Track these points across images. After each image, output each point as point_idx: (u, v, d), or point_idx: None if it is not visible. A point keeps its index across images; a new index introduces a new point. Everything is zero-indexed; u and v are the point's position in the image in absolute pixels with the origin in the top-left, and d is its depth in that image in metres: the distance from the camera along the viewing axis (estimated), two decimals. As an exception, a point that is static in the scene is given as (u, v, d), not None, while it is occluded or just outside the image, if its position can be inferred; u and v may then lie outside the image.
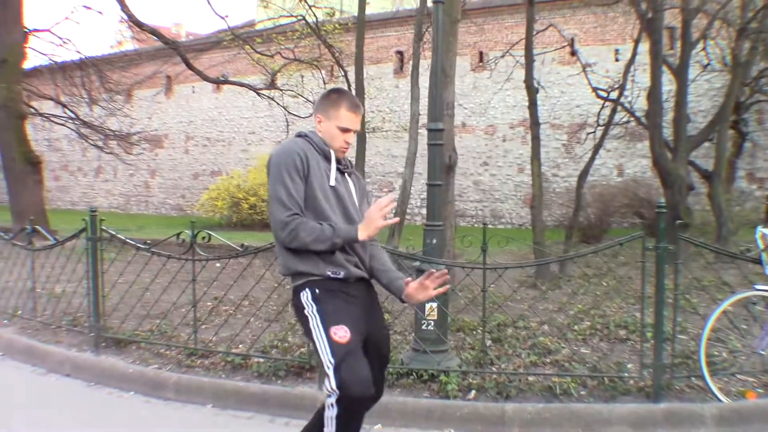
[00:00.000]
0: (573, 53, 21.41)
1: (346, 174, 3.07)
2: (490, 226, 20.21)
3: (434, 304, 4.75)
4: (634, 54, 10.80)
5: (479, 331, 5.98)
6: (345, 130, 3.01)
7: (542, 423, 3.98)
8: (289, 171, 2.84)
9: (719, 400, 4.21)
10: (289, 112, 16.38)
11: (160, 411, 4.49)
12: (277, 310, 6.63)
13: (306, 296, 2.88)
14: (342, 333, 2.74)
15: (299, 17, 13.23)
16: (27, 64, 20.99)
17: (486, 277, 4.70)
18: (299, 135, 3.04)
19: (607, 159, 21.59)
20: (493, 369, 4.85)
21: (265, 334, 5.74)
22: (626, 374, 4.62)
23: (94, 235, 5.60)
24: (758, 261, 4.44)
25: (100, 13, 24.44)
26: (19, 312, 6.96)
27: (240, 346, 5.66)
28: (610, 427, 3.95)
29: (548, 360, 5.12)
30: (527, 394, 4.46)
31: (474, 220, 23.92)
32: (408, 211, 13.57)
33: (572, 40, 21.53)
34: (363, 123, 10.21)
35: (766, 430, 3.97)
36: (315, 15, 13.36)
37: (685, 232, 10.23)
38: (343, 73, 12.24)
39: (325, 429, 2.74)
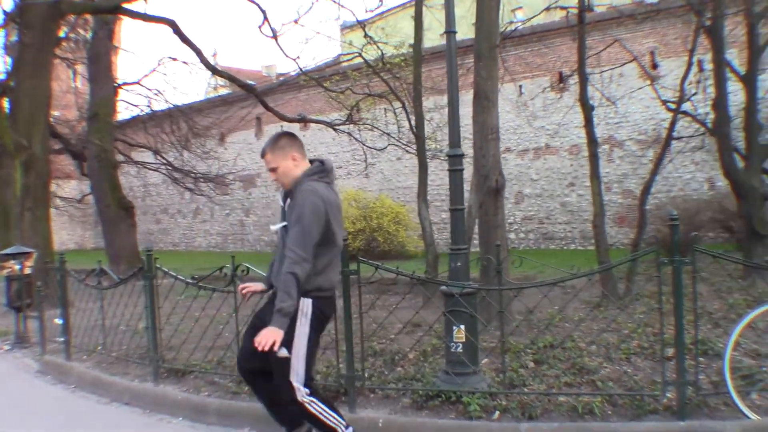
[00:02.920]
0: (654, 66, 20.96)
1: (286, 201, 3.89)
2: (579, 247, 19.68)
3: (462, 328, 4.85)
4: (690, 64, 10.56)
5: (523, 352, 6.03)
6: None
7: (557, 442, 4.00)
8: None
9: (747, 417, 4.10)
10: (365, 145, 16.80)
11: (201, 434, 4.79)
12: (330, 339, 6.84)
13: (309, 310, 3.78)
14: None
15: (356, 53, 13.63)
16: (122, 116, 22.45)
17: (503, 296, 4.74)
18: None
19: (696, 173, 20.91)
20: (525, 390, 4.88)
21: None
22: (648, 392, 4.57)
23: (150, 272, 6.02)
24: (787, 271, 4.32)
25: (185, 63, 25.78)
26: (99, 348, 7.47)
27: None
28: (627, 445, 3.93)
29: (584, 380, 5.10)
30: (553, 414, 4.47)
31: (563, 242, 23.47)
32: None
33: (652, 53, 21.12)
34: (423, 150, 10.41)
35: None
36: (381, 51, 13.71)
37: (761, 244, 9.88)
38: (401, 105, 12.49)
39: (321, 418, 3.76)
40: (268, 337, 3.42)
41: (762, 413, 4.24)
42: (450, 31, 5.07)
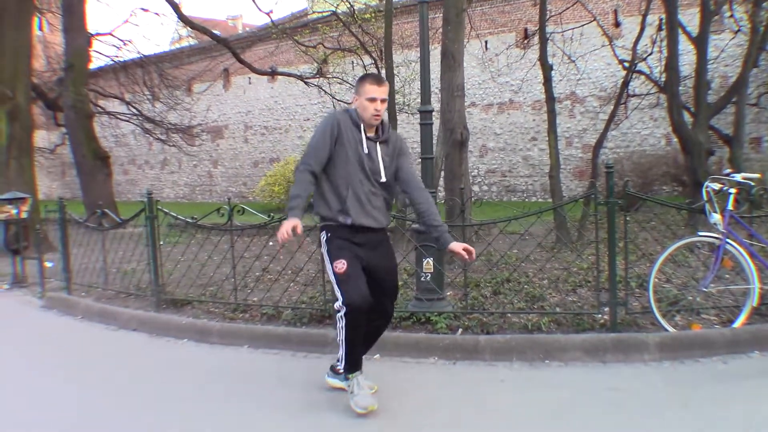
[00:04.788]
0: (617, 24, 21.71)
1: (377, 142, 3.97)
2: (540, 199, 20.54)
3: (430, 260, 5.62)
4: (643, 26, 11.35)
5: (483, 285, 6.84)
6: (372, 100, 3.89)
7: (510, 350, 4.82)
8: (323, 133, 3.84)
9: (667, 331, 4.96)
10: (335, 98, 17.35)
11: (206, 351, 5.54)
12: (312, 275, 7.58)
13: (323, 237, 3.92)
14: (340, 265, 3.74)
15: (329, 12, 14.16)
16: (92, 66, 22.52)
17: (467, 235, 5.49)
18: (344, 110, 4.04)
19: (654, 129, 21.79)
20: (483, 312, 5.70)
21: (298, 294, 6.72)
22: (586, 311, 5.43)
23: (151, 213, 6.69)
24: (703, 211, 5.14)
25: (156, 14, 25.84)
26: (96, 285, 8.12)
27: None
28: (566, 353, 4.76)
29: (535, 306, 5.93)
30: (507, 331, 5.30)
31: (525, 195, 24.39)
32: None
33: (615, 11, 21.84)
34: (393, 103, 11.08)
35: (704, 355, 4.69)
36: (351, 5, 14.25)
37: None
38: (372, 61, 13.10)
39: (338, 336, 3.80)
40: None
41: (681, 329, 5.11)
42: (422, 1, 5.73)
